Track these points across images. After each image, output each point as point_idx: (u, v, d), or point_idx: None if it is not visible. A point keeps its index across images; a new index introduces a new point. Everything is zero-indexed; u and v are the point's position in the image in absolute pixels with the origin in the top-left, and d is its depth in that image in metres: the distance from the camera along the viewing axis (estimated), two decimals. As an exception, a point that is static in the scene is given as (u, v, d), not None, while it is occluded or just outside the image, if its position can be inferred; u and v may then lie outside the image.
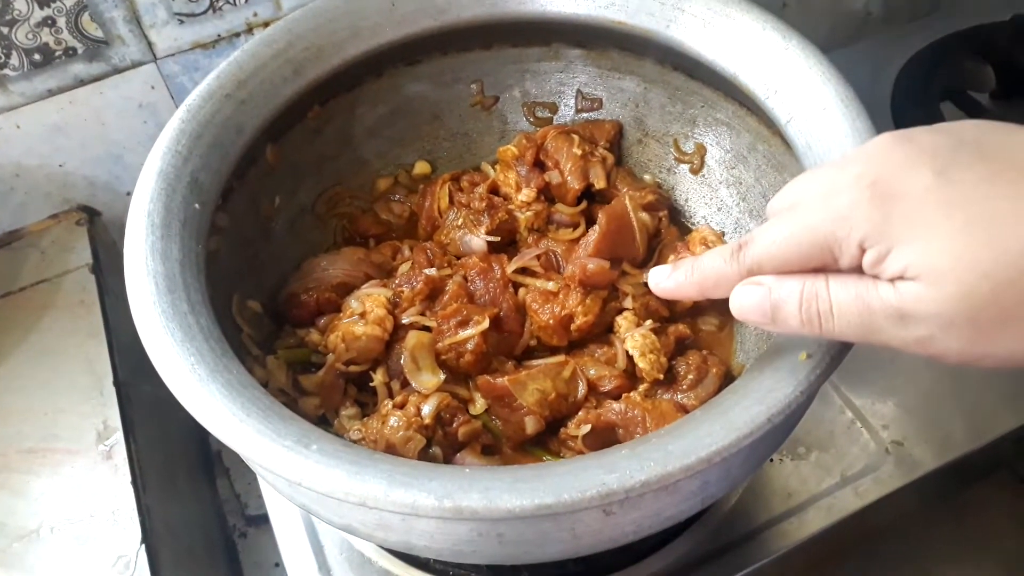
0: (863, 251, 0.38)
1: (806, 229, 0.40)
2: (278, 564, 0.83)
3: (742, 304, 0.43)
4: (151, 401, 0.76)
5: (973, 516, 0.83)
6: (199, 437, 0.90)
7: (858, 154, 0.40)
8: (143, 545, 0.62)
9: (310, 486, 0.42)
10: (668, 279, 0.47)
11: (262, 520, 0.85)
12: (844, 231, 0.38)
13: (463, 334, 0.60)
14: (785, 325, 0.41)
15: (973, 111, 0.95)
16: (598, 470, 0.42)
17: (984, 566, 0.83)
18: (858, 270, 0.39)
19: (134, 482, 0.65)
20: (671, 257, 0.64)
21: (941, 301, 0.36)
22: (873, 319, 0.38)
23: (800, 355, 0.45)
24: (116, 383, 0.70)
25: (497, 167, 0.73)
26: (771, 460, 0.71)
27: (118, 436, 0.68)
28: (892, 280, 0.37)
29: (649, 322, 0.62)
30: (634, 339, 0.61)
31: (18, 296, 0.77)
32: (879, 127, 0.54)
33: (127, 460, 0.66)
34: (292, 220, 0.69)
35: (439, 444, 0.57)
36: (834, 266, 0.40)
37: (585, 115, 0.75)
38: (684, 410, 0.58)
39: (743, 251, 0.42)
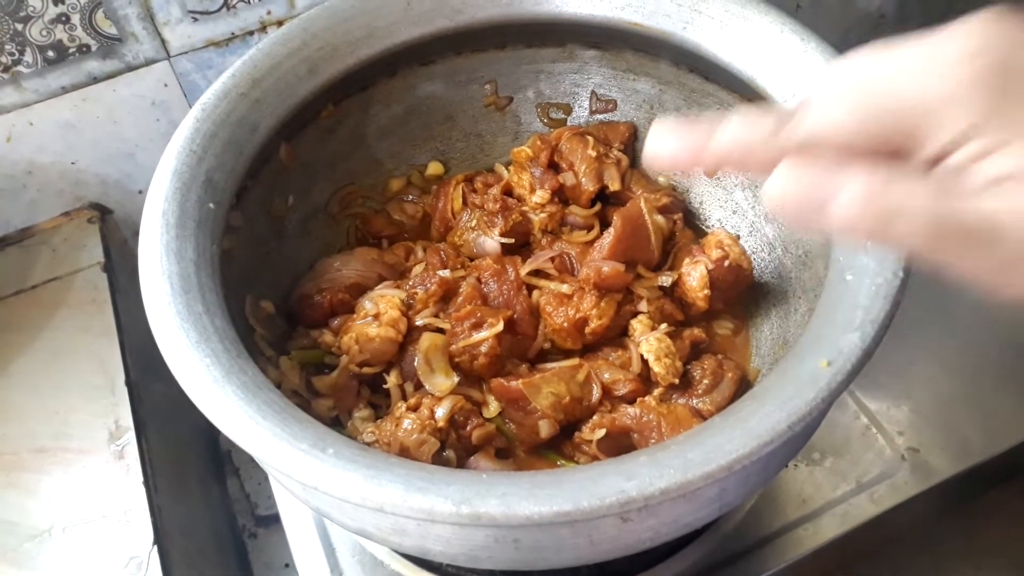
0: (963, 141, 0.30)
1: (896, 102, 0.30)
2: (288, 565, 0.82)
3: (784, 189, 0.31)
4: (162, 400, 0.75)
5: (987, 523, 0.82)
6: (209, 437, 0.90)
7: (964, 27, 0.31)
8: (155, 546, 0.62)
9: (326, 490, 0.42)
10: (673, 142, 0.35)
11: (272, 520, 0.85)
12: (950, 111, 0.29)
13: (477, 336, 0.59)
14: (836, 221, 0.30)
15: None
16: (617, 477, 0.41)
17: (998, 574, 0.82)
18: (933, 165, 0.31)
19: (146, 482, 0.65)
20: (686, 261, 0.63)
21: None
22: (956, 230, 0.29)
23: (820, 362, 0.45)
24: (128, 383, 0.70)
25: (511, 168, 0.72)
26: (786, 465, 0.70)
27: (130, 436, 0.67)
28: (990, 183, 0.29)
29: (664, 326, 0.62)
30: (649, 343, 0.60)
31: (30, 294, 0.77)
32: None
33: (139, 460, 0.66)
34: (305, 220, 0.69)
35: (452, 447, 0.57)
36: (907, 155, 0.31)
37: (599, 116, 0.75)
38: (699, 415, 0.58)
39: (794, 119, 0.32)
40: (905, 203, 0.30)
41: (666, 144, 0.35)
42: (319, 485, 0.42)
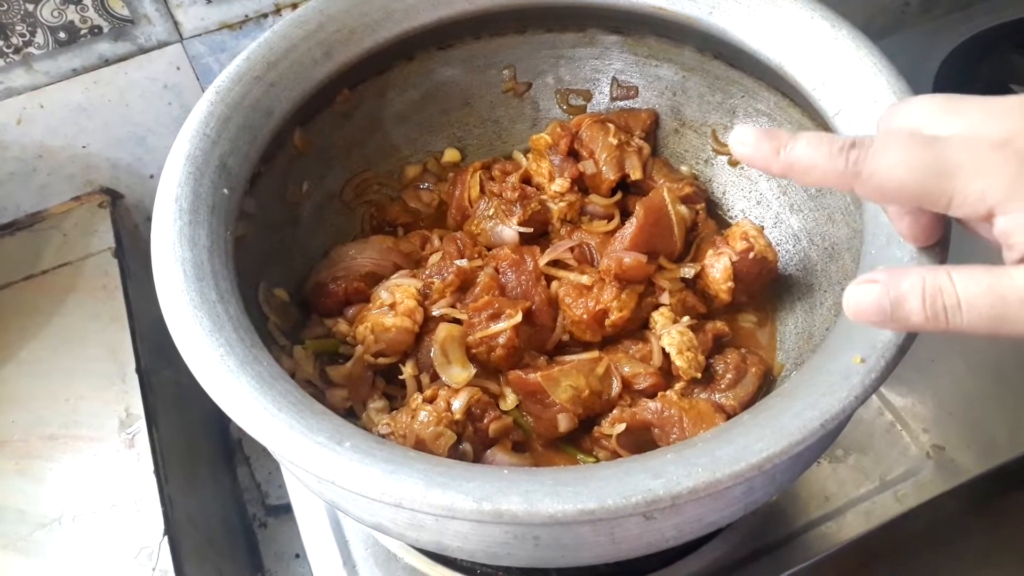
0: (992, 215, 0.36)
1: (939, 169, 0.37)
2: (298, 555, 0.82)
3: (859, 302, 0.39)
4: (172, 387, 0.75)
5: (1008, 524, 0.80)
6: (220, 425, 0.89)
7: (1011, 106, 0.38)
8: (166, 537, 0.61)
9: (344, 485, 0.41)
10: (753, 146, 0.41)
11: (282, 510, 0.84)
12: (979, 187, 0.36)
13: (495, 327, 0.58)
14: (905, 323, 0.39)
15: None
16: (643, 475, 0.40)
17: (1017, 572, 0.81)
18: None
19: (156, 472, 0.64)
20: (709, 252, 0.62)
21: None
22: (1008, 310, 0.36)
23: (854, 358, 0.44)
24: (139, 370, 0.69)
25: (529, 156, 0.71)
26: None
27: (140, 424, 0.67)
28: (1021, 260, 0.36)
29: (686, 318, 0.61)
30: (671, 336, 0.59)
31: (40, 279, 0.76)
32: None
33: (150, 449, 0.65)
34: (320, 206, 0.68)
35: (469, 440, 0.56)
36: (937, 211, 0.38)
37: (620, 103, 0.73)
38: (722, 410, 0.57)
39: (857, 154, 0.39)
40: (963, 293, 0.37)
41: (749, 148, 0.42)
42: (336, 479, 0.41)
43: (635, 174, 0.67)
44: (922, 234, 0.45)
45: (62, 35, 0.71)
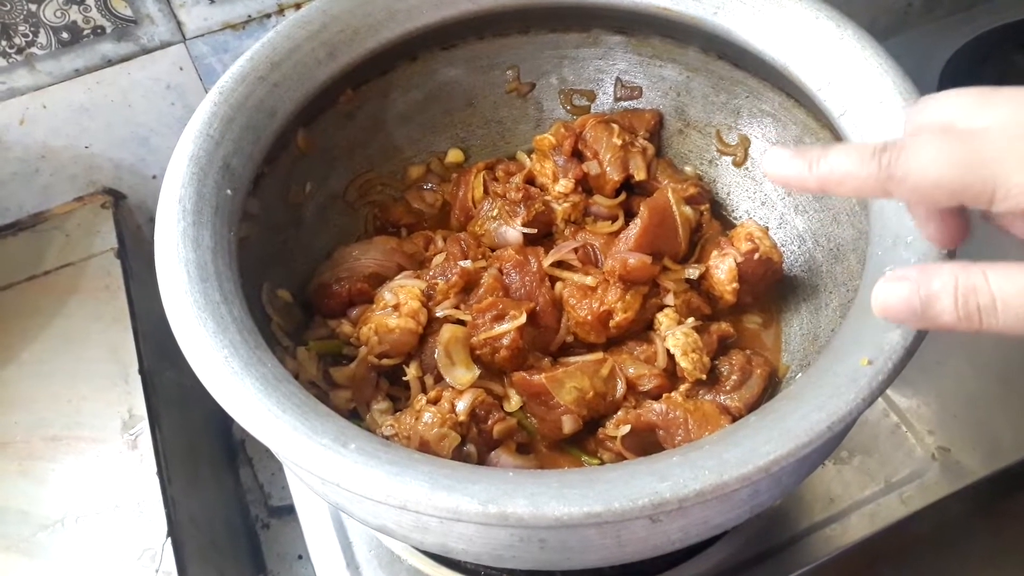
0: None
1: (978, 163, 0.35)
2: (301, 556, 0.81)
3: (887, 300, 0.38)
4: (174, 388, 0.74)
5: (1013, 526, 0.80)
6: (223, 425, 0.89)
7: None
8: (169, 538, 0.60)
9: (348, 487, 0.40)
10: (786, 166, 0.41)
11: (285, 511, 0.84)
12: (1015, 178, 0.34)
13: (499, 329, 0.58)
14: (936, 322, 0.37)
15: None
16: (649, 477, 0.40)
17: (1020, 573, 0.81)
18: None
19: (159, 473, 0.64)
20: (714, 253, 0.62)
21: None
22: None
23: (861, 360, 0.43)
24: (141, 371, 0.69)
25: (533, 156, 0.70)
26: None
27: (143, 425, 0.66)
28: None
29: (691, 320, 0.61)
30: (675, 337, 0.59)
31: (43, 280, 0.76)
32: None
33: (152, 450, 0.65)
34: (323, 207, 0.68)
35: (473, 441, 0.56)
36: (978, 207, 0.36)
37: (624, 104, 0.73)
38: (727, 412, 0.56)
39: (889, 156, 0.37)
40: (998, 293, 0.35)
41: (782, 168, 0.41)
42: (340, 481, 0.41)
43: (639, 175, 0.67)
44: (949, 236, 0.44)
45: (65, 35, 0.71)
